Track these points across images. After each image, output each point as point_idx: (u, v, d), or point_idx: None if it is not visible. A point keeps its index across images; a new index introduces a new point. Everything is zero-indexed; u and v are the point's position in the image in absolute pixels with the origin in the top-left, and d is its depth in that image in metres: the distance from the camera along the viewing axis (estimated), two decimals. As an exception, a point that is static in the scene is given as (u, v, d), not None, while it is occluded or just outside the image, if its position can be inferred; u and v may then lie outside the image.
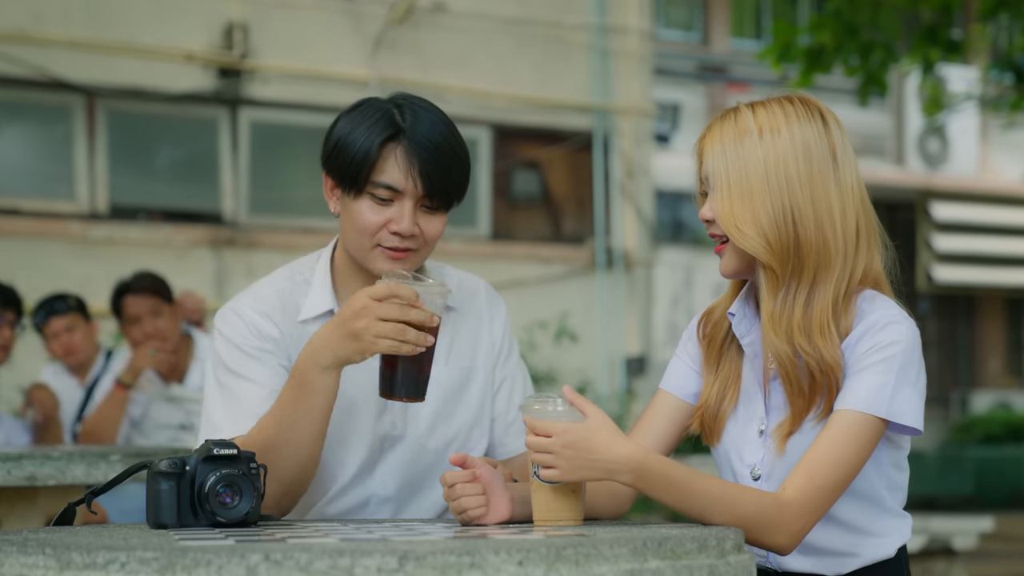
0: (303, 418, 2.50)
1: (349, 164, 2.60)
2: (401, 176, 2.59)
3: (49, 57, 9.83)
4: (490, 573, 1.75)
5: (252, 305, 2.71)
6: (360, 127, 2.61)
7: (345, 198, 2.65)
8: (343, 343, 2.44)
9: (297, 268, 2.80)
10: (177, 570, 1.73)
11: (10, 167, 10.09)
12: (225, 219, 10.45)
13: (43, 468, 3.57)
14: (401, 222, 2.61)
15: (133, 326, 5.93)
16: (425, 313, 2.40)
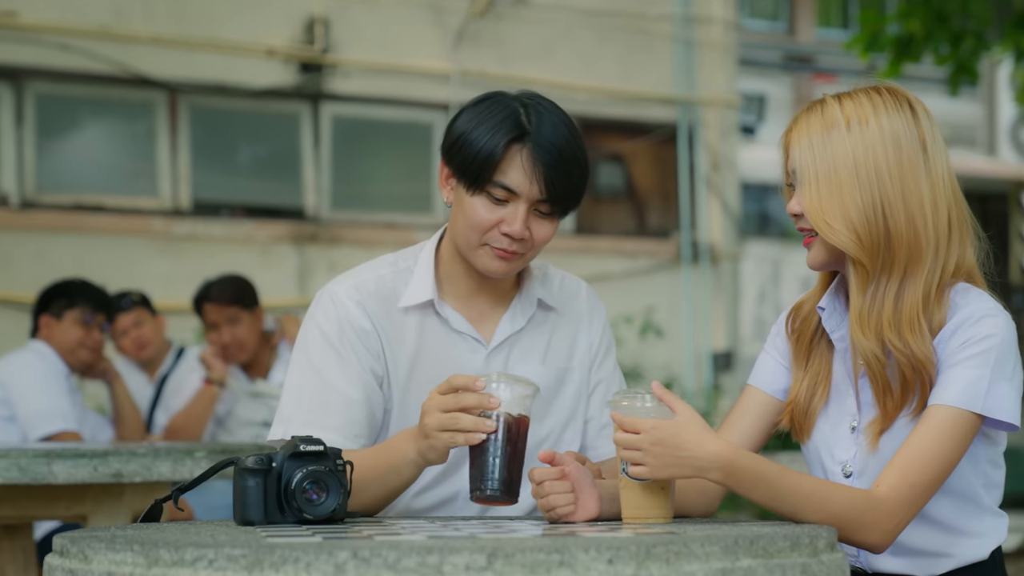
0: (381, 487, 2.56)
1: (472, 161, 2.60)
2: (523, 179, 2.59)
3: (131, 53, 9.92)
4: (580, 571, 1.75)
5: (349, 293, 2.72)
6: (485, 124, 2.60)
7: (460, 191, 2.65)
8: (419, 442, 2.46)
9: (402, 256, 2.81)
10: (265, 567, 1.74)
11: (93, 164, 10.20)
12: (307, 215, 10.50)
13: (129, 465, 3.61)
14: (513, 224, 2.61)
15: (211, 332, 6.00)
16: (482, 397, 2.37)
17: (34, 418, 5.21)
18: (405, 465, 2.50)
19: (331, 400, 2.64)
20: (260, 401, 5.97)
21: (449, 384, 2.38)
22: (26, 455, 3.57)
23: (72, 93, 10.00)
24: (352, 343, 2.68)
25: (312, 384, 2.67)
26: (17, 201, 9.63)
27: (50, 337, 5.53)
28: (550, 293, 2.83)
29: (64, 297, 5.60)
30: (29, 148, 9.71)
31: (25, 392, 5.26)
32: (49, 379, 5.31)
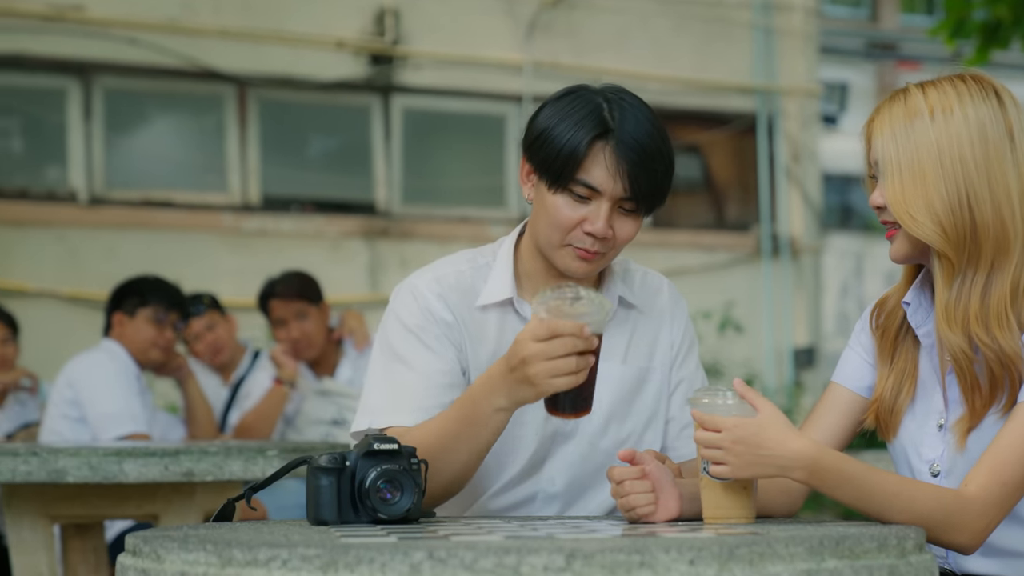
0: (464, 446, 2.52)
1: (554, 158, 2.59)
2: (606, 177, 2.58)
3: (199, 47, 10.00)
4: (660, 572, 1.74)
5: (430, 286, 2.73)
6: (567, 120, 2.60)
7: (542, 188, 2.65)
8: (519, 389, 2.43)
9: (482, 252, 2.81)
10: (339, 568, 1.75)
11: (162, 159, 10.28)
12: (378, 209, 10.54)
13: (200, 464, 3.64)
14: (596, 223, 2.60)
15: (279, 329, 6.03)
16: (589, 340, 2.38)
17: (104, 420, 5.25)
18: (496, 413, 2.48)
19: (417, 386, 2.64)
20: (328, 399, 5.99)
21: (551, 330, 2.38)
22: (96, 454, 3.60)
23: (140, 87, 10.09)
24: (435, 333, 2.68)
25: (396, 373, 2.67)
26: (86, 197, 9.72)
27: (122, 335, 5.58)
28: (631, 291, 2.82)
29: (137, 295, 5.65)
30: (97, 143, 9.81)
31: (95, 394, 5.30)
32: (120, 380, 5.35)
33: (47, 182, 9.86)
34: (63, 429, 5.32)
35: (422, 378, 2.66)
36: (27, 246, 9.47)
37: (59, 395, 5.36)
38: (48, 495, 3.87)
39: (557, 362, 2.36)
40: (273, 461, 3.68)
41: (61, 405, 5.35)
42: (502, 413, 2.49)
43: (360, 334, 6.11)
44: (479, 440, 2.52)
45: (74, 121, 9.78)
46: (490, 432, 2.52)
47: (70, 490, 3.82)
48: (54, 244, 9.56)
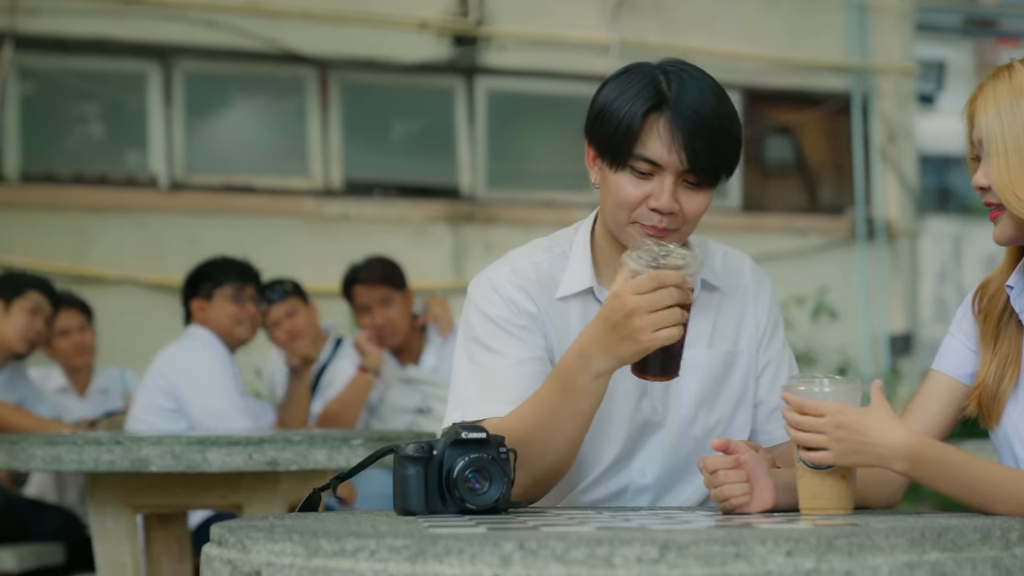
0: (567, 420, 2.50)
1: (611, 135, 2.59)
2: (663, 150, 2.57)
3: (280, 29, 10.04)
4: (756, 564, 1.73)
5: (509, 278, 2.72)
6: (624, 95, 2.59)
7: (605, 169, 2.64)
8: (621, 346, 2.41)
9: (556, 240, 2.80)
10: (428, 558, 1.75)
11: (243, 143, 10.35)
12: (462, 193, 10.55)
13: (284, 453, 3.66)
14: (660, 198, 2.59)
15: (363, 315, 6.04)
16: (688, 292, 2.38)
17: (209, 417, 5.31)
18: (593, 381, 2.46)
19: (509, 375, 2.63)
20: (413, 387, 6.01)
21: (656, 280, 2.36)
22: (180, 442, 3.63)
23: (220, 71, 10.16)
24: (522, 324, 2.68)
25: (485, 364, 2.66)
26: (166, 183, 9.81)
27: (205, 320, 5.63)
28: (713, 272, 2.80)
29: (210, 277, 5.70)
30: (178, 128, 9.89)
31: (197, 390, 5.35)
32: (220, 374, 5.41)
33: (127, 167, 9.95)
34: (154, 419, 5.38)
35: (513, 366, 2.65)
36: (107, 232, 9.57)
37: (152, 384, 5.41)
38: (131, 484, 3.91)
39: (662, 313, 2.35)
40: (358, 450, 3.70)
41: (154, 395, 5.40)
42: (602, 378, 2.47)
43: (444, 320, 6.13)
44: (579, 411, 2.50)
45: (154, 105, 9.86)
46: (590, 401, 2.50)
47: (153, 479, 3.85)
48: (134, 230, 9.65)
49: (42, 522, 5.84)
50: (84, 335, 6.56)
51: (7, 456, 3.77)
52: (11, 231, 9.24)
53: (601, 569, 1.70)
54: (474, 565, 1.72)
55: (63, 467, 3.67)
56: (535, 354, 2.67)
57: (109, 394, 6.65)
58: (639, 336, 2.37)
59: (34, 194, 9.50)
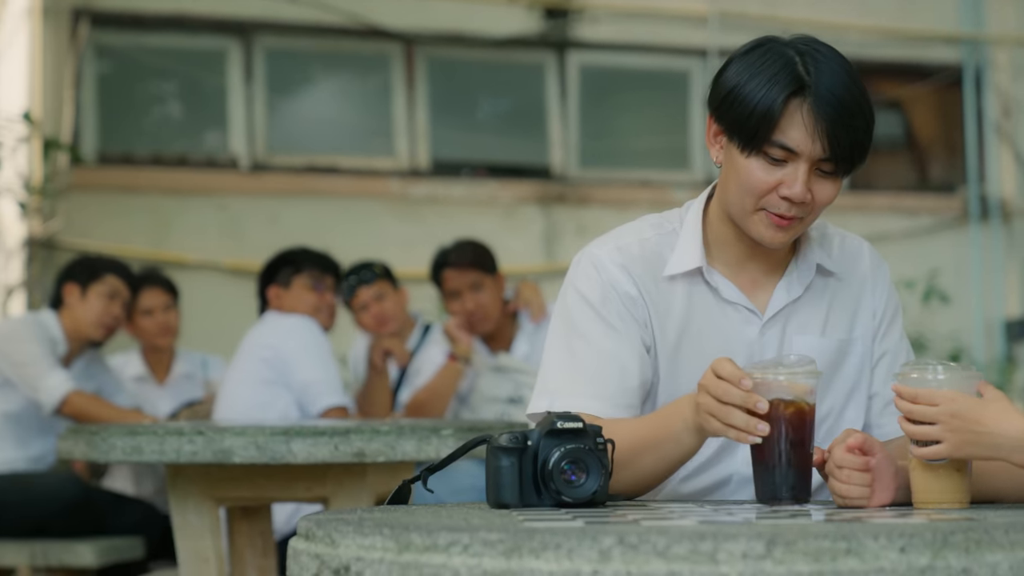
0: (655, 460, 2.54)
1: (747, 118, 2.57)
2: (804, 138, 2.55)
3: (364, 3, 10.07)
4: (868, 560, 1.72)
5: (612, 256, 2.72)
6: (759, 76, 2.57)
7: (732, 151, 2.63)
8: (693, 411, 2.45)
9: (666, 217, 2.80)
10: (524, 553, 1.75)
11: (327, 123, 10.39)
12: (554, 173, 10.54)
13: (372, 444, 3.67)
14: (794, 186, 2.57)
15: (453, 301, 6.04)
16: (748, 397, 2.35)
17: (313, 386, 5.36)
18: (686, 432, 2.48)
19: (600, 368, 2.64)
20: (504, 376, 6.01)
21: (731, 374, 2.37)
22: (263, 433, 3.66)
23: (303, 47, 10.21)
24: (618, 309, 2.68)
25: (577, 352, 2.67)
26: (247, 164, 9.87)
27: (281, 308, 5.67)
28: (829, 256, 2.78)
29: (289, 264, 5.75)
30: (259, 107, 9.95)
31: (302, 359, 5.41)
32: (322, 343, 5.47)
33: (207, 148, 10.03)
34: (250, 392, 5.43)
35: (605, 360, 2.65)
36: (187, 215, 9.65)
37: (252, 354, 5.47)
38: (214, 476, 3.94)
39: (714, 403, 2.36)
40: (448, 441, 3.70)
41: (254, 365, 5.45)
42: (695, 435, 2.49)
43: (536, 306, 6.12)
44: (668, 459, 2.54)
45: (234, 84, 9.92)
46: (681, 452, 2.53)
47: (236, 471, 3.88)
48: (214, 213, 9.73)
49: (122, 515, 5.91)
50: (168, 315, 6.61)
51: (86, 447, 3.80)
52: (88, 215, 9.34)
53: (704, 565, 1.70)
54: (572, 561, 1.72)
55: (143, 458, 3.70)
56: (629, 347, 2.67)
57: (192, 380, 6.71)
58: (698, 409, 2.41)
59: (111, 176, 9.59)
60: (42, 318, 6.11)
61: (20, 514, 5.77)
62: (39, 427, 6.04)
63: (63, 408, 5.82)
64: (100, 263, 6.17)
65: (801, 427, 2.38)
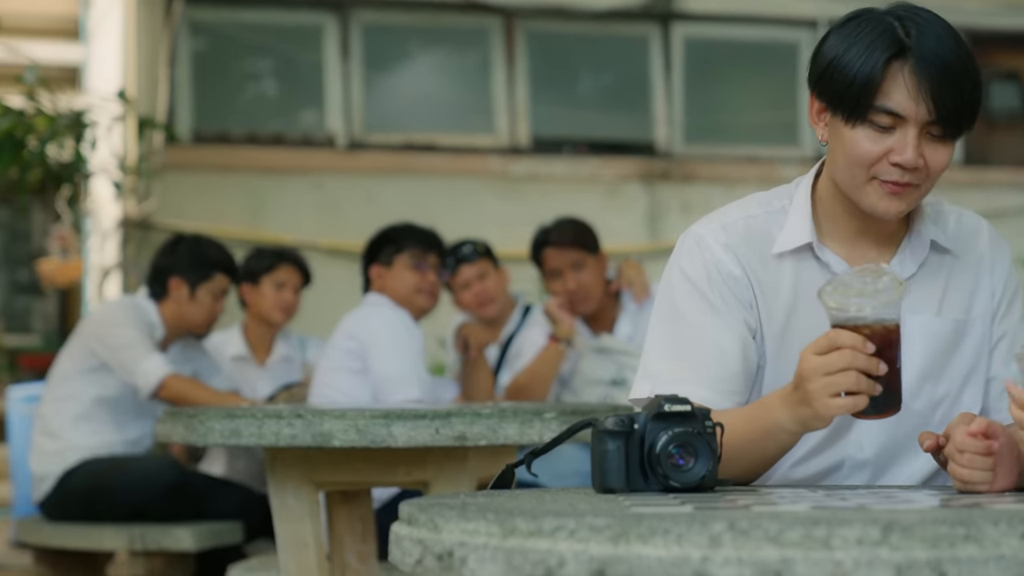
0: (752, 453, 2.53)
1: (847, 88, 2.56)
2: (908, 100, 2.54)
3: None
4: (988, 547, 1.71)
5: (716, 236, 2.72)
6: (857, 45, 2.56)
7: (838, 124, 2.62)
8: (799, 409, 2.42)
9: (774, 195, 2.79)
10: (631, 539, 1.75)
11: (425, 99, 10.43)
12: (658, 150, 10.52)
13: (473, 427, 3.67)
14: (904, 152, 2.56)
15: (554, 280, 6.04)
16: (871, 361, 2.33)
17: (388, 381, 5.38)
18: (780, 432, 2.49)
19: (703, 352, 2.64)
20: (607, 357, 6.00)
21: (829, 342, 2.36)
22: (364, 416, 3.67)
23: (400, 22, 10.25)
24: (722, 291, 2.67)
25: (680, 335, 2.67)
26: (344, 142, 9.93)
27: (384, 288, 5.70)
28: (945, 233, 2.76)
29: (391, 243, 5.76)
30: (356, 84, 9.99)
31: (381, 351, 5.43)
32: (405, 336, 5.48)
33: (303, 126, 10.09)
34: (340, 383, 5.46)
35: (706, 344, 2.65)
36: (283, 195, 9.72)
37: (340, 345, 5.51)
38: (313, 460, 3.96)
39: (835, 378, 2.33)
40: (551, 424, 3.70)
41: (342, 356, 5.49)
42: (790, 435, 2.49)
43: (639, 286, 6.10)
44: (765, 454, 2.55)
45: (331, 61, 9.97)
46: (779, 448, 2.53)
47: (336, 455, 3.89)
48: (311, 192, 9.79)
49: (220, 499, 5.97)
50: (294, 296, 6.69)
51: (184, 430, 3.83)
52: (184, 194, 9.43)
53: (818, 551, 1.69)
54: (681, 546, 1.72)
55: (242, 441, 3.73)
56: (732, 328, 2.66)
57: (291, 363, 6.76)
58: (812, 401, 2.37)
59: (207, 155, 9.68)
60: (139, 301, 6.18)
61: (118, 498, 5.84)
62: (136, 411, 6.11)
63: (160, 392, 5.88)
64: (209, 259, 6.21)
65: (891, 346, 2.36)
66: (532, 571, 1.79)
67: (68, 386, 6.08)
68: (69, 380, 6.09)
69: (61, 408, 6.06)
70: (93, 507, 5.87)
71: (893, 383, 2.37)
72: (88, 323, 6.24)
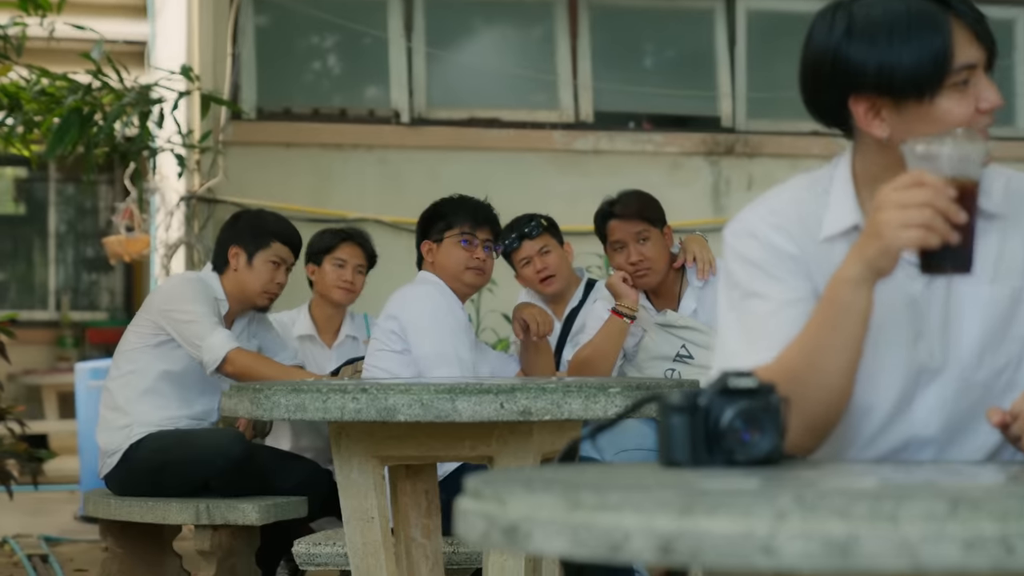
0: (833, 342, 2.48)
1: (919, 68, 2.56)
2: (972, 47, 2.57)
3: (525, -49, 10.10)
4: (1058, 521, 1.70)
5: (766, 219, 2.70)
6: (897, 27, 2.56)
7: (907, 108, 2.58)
8: (868, 245, 2.40)
9: (817, 177, 2.76)
10: (697, 513, 1.75)
11: (489, 74, 10.42)
12: (722, 124, 10.48)
13: (538, 402, 3.68)
14: (990, 96, 2.59)
15: (618, 253, 6.01)
16: (951, 206, 2.32)
17: (427, 361, 5.39)
18: (853, 292, 2.44)
19: (775, 320, 2.61)
20: (671, 333, 5.98)
21: (914, 178, 2.34)
22: (428, 391, 3.69)
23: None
24: (784, 266, 2.65)
25: (750, 309, 2.65)
26: (408, 118, 9.93)
27: (434, 264, 5.69)
28: (989, 198, 2.70)
29: (441, 218, 5.75)
30: (420, 59, 10.00)
31: (420, 332, 5.44)
32: (444, 315, 5.47)
33: (367, 102, 10.11)
34: (386, 363, 5.48)
35: (778, 309, 2.62)
36: (347, 170, 9.74)
37: (385, 326, 5.52)
38: (377, 435, 3.98)
39: (911, 211, 2.32)
40: (616, 399, 3.70)
41: (386, 337, 5.51)
42: (861, 287, 2.44)
43: (704, 261, 6.07)
44: (845, 333, 2.48)
45: (395, 35, 9.98)
46: (854, 319, 2.47)
47: (400, 429, 3.92)
48: (375, 168, 9.81)
49: (286, 473, 6.00)
50: (356, 276, 6.71)
51: (250, 405, 3.86)
52: (248, 170, 9.47)
53: (885, 524, 1.69)
54: (747, 520, 1.72)
55: (307, 416, 3.75)
56: (800, 295, 2.63)
57: (357, 342, 6.79)
58: (883, 231, 2.35)
59: (271, 131, 9.71)
60: (204, 276, 6.22)
61: (185, 472, 5.88)
62: (202, 386, 6.15)
63: (225, 367, 5.92)
64: (267, 228, 6.25)
65: (970, 203, 2.36)
66: (598, 545, 1.79)
67: (134, 361, 6.13)
68: (135, 355, 6.14)
69: (127, 383, 6.11)
70: (159, 481, 5.92)
71: (967, 240, 2.37)
72: (154, 298, 6.28)
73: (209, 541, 5.82)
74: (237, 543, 5.92)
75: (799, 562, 1.69)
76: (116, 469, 6.05)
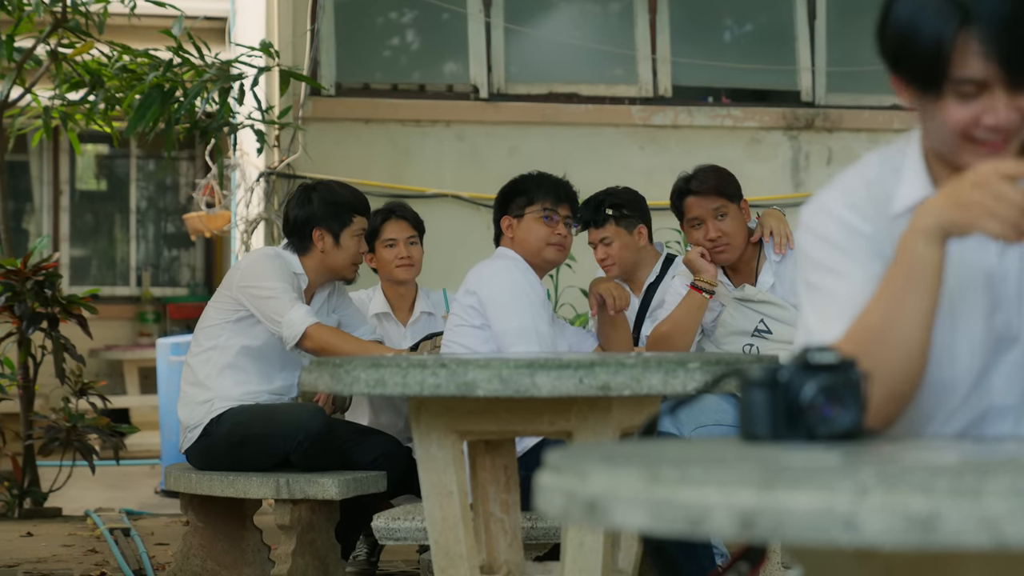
0: (908, 298, 2.46)
1: (921, 62, 2.52)
2: (986, 65, 2.48)
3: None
4: None
5: (839, 199, 2.69)
6: (921, 15, 2.51)
7: (918, 96, 2.58)
8: (947, 209, 2.39)
9: (888, 154, 2.75)
10: (778, 488, 1.75)
11: (567, 49, 10.40)
12: (802, 99, 10.42)
13: (617, 377, 3.67)
14: (996, 114, 2.52)
15: (695, 229, 5.99)
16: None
17: (507, 336, 5.40)
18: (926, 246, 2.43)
19: (853, 295, 2.61)
20: (749, 308, 5.96)
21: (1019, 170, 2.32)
22: (508, 366, 3.68)
23: (542, -28, 10.23)
24: (859, 244, 2.64)
25: (828, 287, 2.64)
26: (486, 93, 9.94)
27: (513, 239, 5.70)
28: None
29: (522, 194, 5.75)
30: (497, 34, 9.99)
31: (499, 307, 5.44)
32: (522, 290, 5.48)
33: (446, 77, 10.12)
34: (465, 338, 5.49)
35: (856, 284, 2.61)
36: (425, 146, 9.76)
37: (464, 301, 5.53)
38: (457, 409, 3.99)
39: (1004, 205, 2.30)
40: (695, 374, 3.69)
41: (464, 312, 5.52)
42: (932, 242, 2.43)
43: (782, 235, 6.04)
44: (919, 288, 2.46)
45: (473, 10, 9.98)
46: (925, 271, 2.45)
47: (479, 404, 3.92)
48: (453, 143, 9.82)
49: (365, 448, 6.03)
50: (411, 248, 6.72)
51: (330, 379, 3.87)
52: (327, 146, 9.50)
53: (967, 500, 1.68)
54: (830, 495, 1.72)
55: (387, 391, 3.75)
56: (873, 273, 2.62)
57: (434, 318, 6.80)
58: (971, 209, 2.34)
59: (350, 107, 9.74)
60: (283, 252, 6.25)
61: (265, 447, 5.92)
62: (282, 361, 6.18)
63: (304, 342, 5.95)
64: (345, 204, 6.26)
65: None
66: (678, 521, 1.79)
67: (215, 337, 6.17)
68: (216, 331, 6.18)
69: (208, 358, 6.15)
70: (239, 455, 5.96)
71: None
72: (234, 274, 6.31)
73: (289, 515, 5.86)
74: (317, 517, 5.96)
75: (881, 538, 1.68)
76: (197, 444, 6.09)
